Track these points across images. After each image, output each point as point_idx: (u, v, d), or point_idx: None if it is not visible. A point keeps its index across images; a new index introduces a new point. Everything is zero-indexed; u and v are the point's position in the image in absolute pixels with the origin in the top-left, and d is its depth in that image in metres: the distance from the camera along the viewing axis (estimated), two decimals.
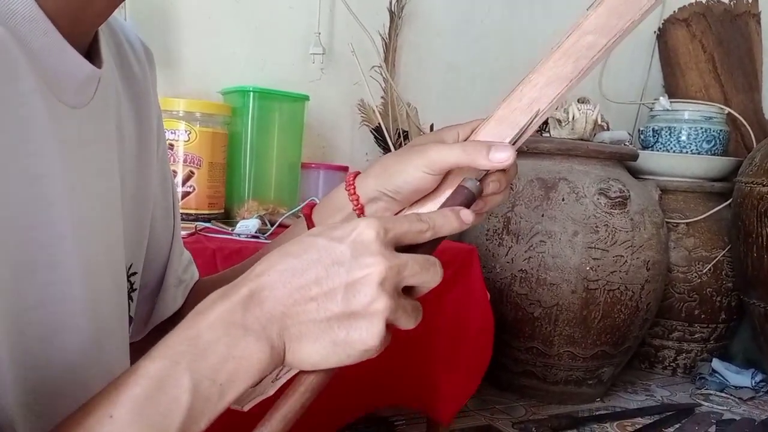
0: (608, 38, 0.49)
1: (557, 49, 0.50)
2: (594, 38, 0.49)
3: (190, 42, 1.79)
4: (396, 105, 2.02)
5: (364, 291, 0.40)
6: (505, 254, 1.86)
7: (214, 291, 0.42)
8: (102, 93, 0.47)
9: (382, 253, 0.40)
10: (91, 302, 0.45)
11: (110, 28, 0.53)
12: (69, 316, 0.43)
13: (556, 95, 0.50)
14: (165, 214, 0.63)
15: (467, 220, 0.46)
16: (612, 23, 0.48)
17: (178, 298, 0.65)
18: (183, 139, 1.51)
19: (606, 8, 0.49)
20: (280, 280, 0.40)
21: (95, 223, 0.46)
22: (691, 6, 2.54)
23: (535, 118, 0.50)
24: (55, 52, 0.40)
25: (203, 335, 0.38)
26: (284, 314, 0.40)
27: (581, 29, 0.49)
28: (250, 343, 0.39)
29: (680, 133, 2.27)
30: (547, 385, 1.93)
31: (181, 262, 0.66)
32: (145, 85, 0.57)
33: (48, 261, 0.41)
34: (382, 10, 2.05)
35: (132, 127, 0.54)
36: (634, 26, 0.48)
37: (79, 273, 0.44)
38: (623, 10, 0.48)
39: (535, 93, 0.51)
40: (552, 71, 0.50)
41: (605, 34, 0.49)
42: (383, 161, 0.55)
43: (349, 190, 0.56)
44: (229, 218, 1.59)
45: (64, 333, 0.42)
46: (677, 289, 2.18)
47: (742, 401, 2.04)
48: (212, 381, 0.38)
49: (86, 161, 0.45)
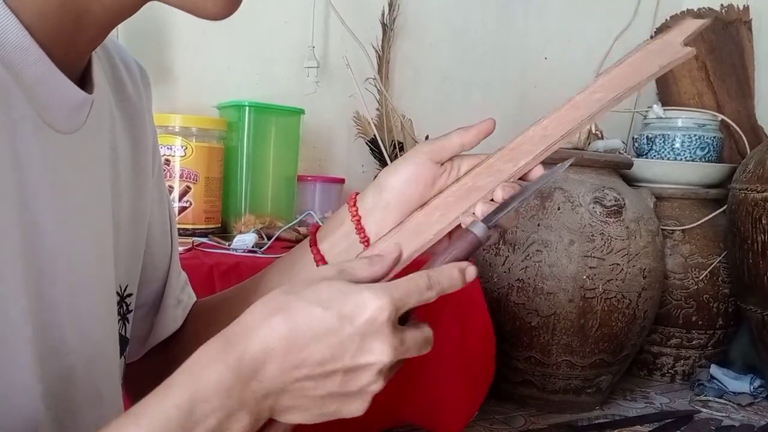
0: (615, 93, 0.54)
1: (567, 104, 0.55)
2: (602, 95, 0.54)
3: (185, 57, 1.80)
4: (391, 117, 2.03)
5: (365, 377, 0.41)
6: (501, 264, 1.86)
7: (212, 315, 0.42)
8: (95, 117, 0.47)
9: (390, 344, 0.41)
10: (81, 325, 0.45)
11: (105, 49, 0.54)
12: (59, 341, 0.43)
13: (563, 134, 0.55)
14: (162, 233, 0.63)
15: (471, 279, 0.47)
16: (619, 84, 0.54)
17: (178, 319, 0.65)
18: (179, 154, 1.51)
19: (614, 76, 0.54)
20: (283, 355, 0.40)
21: (86, 246, 0.46)
22: (683, 14, 2.56)
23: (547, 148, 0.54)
24: (46, 80, 0.41)
25: (198, 408, 0.38)
26: (282, 390, 0.40)
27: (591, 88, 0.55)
28: (242, 416, 0.40)
29: (674, 141, 2.28)
30: (545, 395, 1.93)
31: (179, 282, 0.66)
32: (140, 105, 0.57)
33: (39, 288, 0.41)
34: (375, 22, 2.07)
35: (127, 148, 0.54)
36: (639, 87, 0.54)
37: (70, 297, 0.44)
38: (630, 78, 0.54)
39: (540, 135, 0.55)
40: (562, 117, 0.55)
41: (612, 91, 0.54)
42: None
43: (350, 203, 0.56)
44: (226, 232, 1.60)
45: (54, 356, 0.42)
46: (674, 296, 2.19)
47: (740, 407, 2.04)
48: None
49: (78, 185, 0.45)
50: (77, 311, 0.45)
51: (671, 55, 0.53)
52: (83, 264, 0.46)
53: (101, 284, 0.49)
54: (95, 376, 0.47)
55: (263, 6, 1.87)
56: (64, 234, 0.43)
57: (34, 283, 0.40)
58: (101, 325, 0.49)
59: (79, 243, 0.45)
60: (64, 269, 0.43)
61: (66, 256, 0.43)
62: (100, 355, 0.48)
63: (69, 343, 0.44)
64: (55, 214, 0.42)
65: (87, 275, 0.46)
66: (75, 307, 0.44)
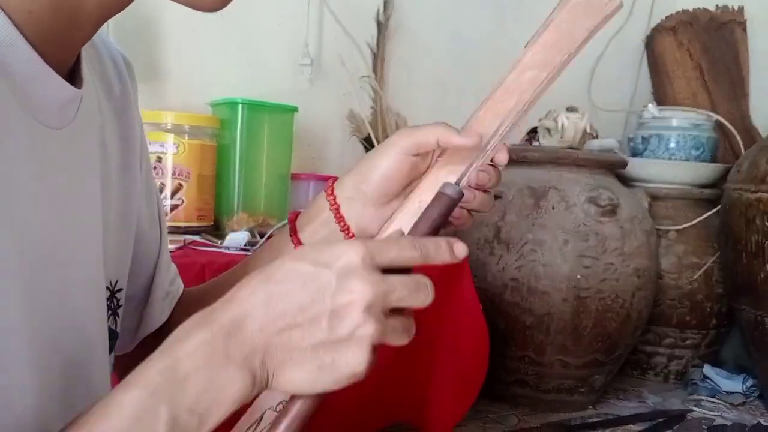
0: (547, 71, 0.51)
1: (500, 86, 0.53)
2: (534, 73, 0.51)
3: (178, 54, 1.79)
4: (385, 115, 2.03)
5: (350, 317, 0.39)
6: (496, 263, 1.86)
7: (196, 303, 0.42)
8: (84, 112, 0.47)
9: (369, 279, 0.40)
10: (71, 320, 0.45)
11: (92, 44, 0.54)
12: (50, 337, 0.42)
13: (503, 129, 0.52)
14: (151, 227, 0.63)
15: (460, 255, 0.45)
16: (551, 58, 0.51)
17: (165, 311, 0.65)
18: (171, 151, 1.50)
19: (543, 45, 0.51)
20: (263, 306, 0.39)
21: (76, 242, 0.46)
22: (678, 14, 2.56)
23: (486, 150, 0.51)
24: (35, 76, 0.41)
25: (182, 365, 0.38)
26: (267, 343, 0.39)
27: (522, 65, 0.52)
28: (231, 372, 0.38)
29: (669, 141, 2.28)
30: (539, 394, 1.92)
31: (168, 274, 0.66)
32: (127, 99, 0.57)
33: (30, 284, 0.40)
34: (370, 21, 2.06)
35: (116, 143, 0.55)
36: (571, 59, 0.51)
37: (60, 293, 0.44)
38: (560, 45, 0.51)
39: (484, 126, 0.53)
40: (498, 106, 0.53)
41: (544, 68, 0.51)
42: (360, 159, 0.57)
43: (327, 191, 0.57)
44: (219, 230, 1.59)
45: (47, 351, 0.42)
46: (668, 296, 2.19)
47: (733, 406, 2.04)
48: (190, 411, 0.37)
49: (67, 181, 0.45)
50: (68, 307, 0.44)
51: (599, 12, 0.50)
52: (73, 259, 0.46)
53: (91, 280, 0.49)
54: (88, 370, 0.47)
55: (257, 3, 1.86)
56: (55, 230, 0.43)
57: (25, 278, 0.39)
58: (91, 320, 0.49)
59: (70, 239, 0.45)
60: (54, 264, 0.43)
61: (56, 252, 0.43)
62: (91, 351, 0.48)
63: (61, 339, 0.43)
64: (45, 210, 0.42)
65: (77, 271, 0.46)
66: (65, 303, 0.44)
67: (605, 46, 2.50)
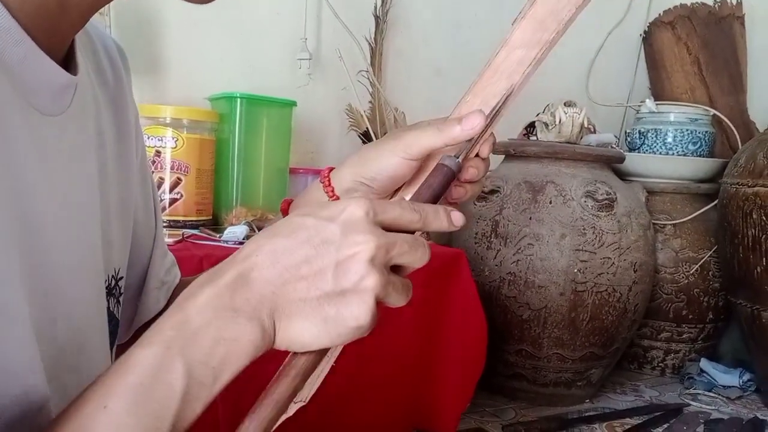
0: (536, 51, 0.50)
1: (488, 67, 0.51)
2: (523, 52, 0.50)
3: (177, 49, 1.79)
4: (384, 109, 2.03)
5: (355, 268, 0.40)
6: (493, 257, 1.86)
7: None
8: (79, 100, 0.47)
9: (372, 231, 0.40)
10: (70, 309, 0.45)
11: (86, 33, 0.54)
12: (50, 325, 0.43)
13: (492, 110, 0.51)
14: (146, 216, 0.63)
15: (457, 224, 0.45)
16: (538, 36, 0.50)
17: (161, 300, 0.65)
18: (170, 145, 1.51)
19: (530, 22, 0.50)
20: (269, 259, 0.40)
21: (74, 229, 0.46)
22: (676, 9, 2.56)
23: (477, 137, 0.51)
24: (30, 62, 0.41)
25: (193, 319, 0.38)
26: (274, 294, 0.39)
27: (510, 44, 0.51)
28: (241, 324, 0.38)
29: (666, 135, 2.28)
30: (536, 387, 1.93)
31: (163, 264, 0.66)
32: (120, 88, 0.58)
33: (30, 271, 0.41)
34: (368, 15, 2.06)
35: (112, 132, 0.55)
36: (559, 37, 0.50)
37: (59, 281, 0.44)
38: (547, 22, 0.49)
39: None
40: (486, 90, 0.51)
41: (532, 47, 0.50)
42: (359, 151, 0.56)
43: (324, 182, 0.57)
44: (218, 225, 1.59)
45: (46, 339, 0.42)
46: (665, 290, 2.20)
47: (729, 401, 2.05)
48: (205, 365, 0.38)
49: (64, 168, 0.45)
50: (66, 295, 0.45)
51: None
52: (72, 248, 0.46)
53: (90, 269, 0.49)
54: (87, 356, 0.47)
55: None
56: (54, 219, 0.44)
57: (25, 262, 0.40)
58: (90, 310, 0.49)
59: (68, 227, 0.45)
60: (54, 253, 0.43)
61: (56, 241, 0.43)
62: (89, 340, 0.48)
63: (59, 327, 0.44)
64: (44, 198, 0.42)
65: (76, 260, 0.46)
66: (64, 292, 0.44)
67: (603, 41, 2.51)
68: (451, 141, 0.50)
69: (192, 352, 0.38)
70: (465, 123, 0.50)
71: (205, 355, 0.38)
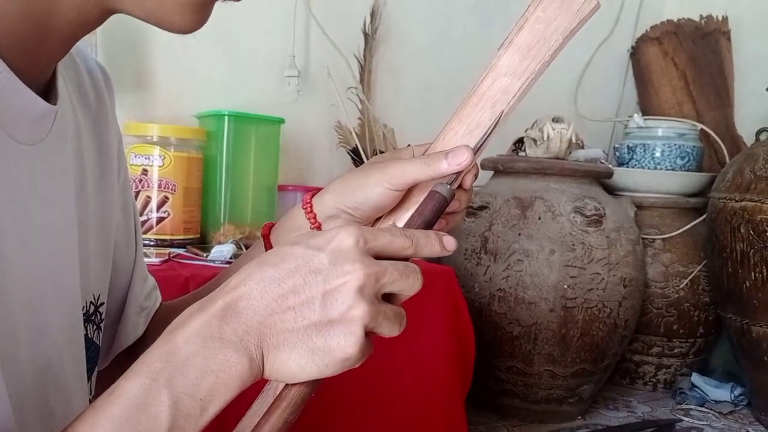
0: (522, 81, 0.49)
1: (473, 94, 0.51)
2: (508, 81, 0.49)
3: (164, 66, 1.78)
4: (373, 126, 2.03)
5: (342, 298, 0.39)
6: (483, 273, 1.86)
7: (177, 314, 0.42)
8: (59, 127, 0.47)
9: (361, 260, 0.40)
10: (35, 339, 0.44)
11: (69, 54, 0.54)
12: (10, 354, 0.42)
13: (476, 144, 0.51)
14: (126, 241, 0.62)
15: (450, 248, 0.45)
16: (525, 65, 0.49)
17: (140, 326, 0.64)
18: (157, 164, 1.50)
19: (518, 49, 0.49)
20: (257, 289, 0.40)
21: (46, 258, 0.46)
22: (663, 24, 2.58)
23: None
24: (8, 91, 0.41)
25: (180, 350, 0.38)
26: (262, 324, 0.39)
27: (495, 71, 0.50)
28: (229, 355, 0.38)
29: (654, 150, 2.29)
30: (528, 404, 1.92)
31: (143, 288, 0.66)
32: (102, 109, 0.57)
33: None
34: (357, 32, 2.07)
35: (92, 154, 0.55)
36: (545, 67, 0.49)
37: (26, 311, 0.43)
38: (534, 50, 0.49)
39: (457, 141, 0.51)
40: (471, 117, 0.51)
41: (519, 76, 0.49)
42: (342, 178, 0.56)
43: (306, 209, 0.56)
44: (206, 243, 1.58)
45: (5, 373, 0.41)
46: (655, 305, 2.20)
47: (722, 415, 2.05)
48: (192, 397, 0.37)
49: (40, 196, 0.45)
50: (32, 326, 0.44)
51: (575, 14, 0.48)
52: (43, 278, 0.45)
53: (64, 298, 0.48)
54: (46, 390, 0.46)
55: (243, 15, 1.86)
56: (23, 248, 0.43)
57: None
58: (63, 338, 0.48)
59: (40, 257, 0.45)
60: (20, 283, 0.43)
61: (24, 270, 0.43)
62: (61, 370, 0.48)
63: (21, 357, 0.43)
64: (14, 227, 0.42)
65: (47, 289, 0.46)
66: (30, 322, 0.44)
67: (591, 56, 2.52)
68: (437, 176, 0.50)
69: (179, 383, 0.37)
70: (452, 158, 0.49)
71: (192, 387, 0.37)
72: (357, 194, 0.53)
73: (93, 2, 0.43)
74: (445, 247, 0.45)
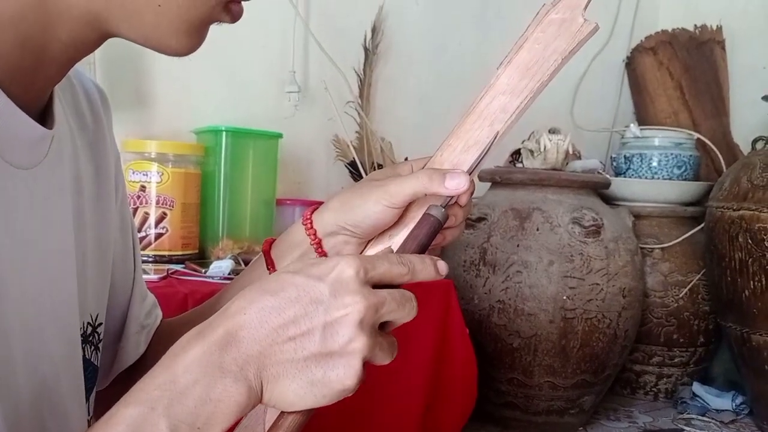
0: (520, 100, 0.50)
1: (472, 111, 0.51)
2: (507, 99, 0.50)
3: (163, 82, 1.79)
4: (371, 139, 2.04)
5: (343, 331, 0.40)
6: (482, 285, 1.86)
7: (178, 333, 0.42)
8: (56, 150, 0.47)
9: (361, 292, 0.41)
10: (32, 364, 0.44)
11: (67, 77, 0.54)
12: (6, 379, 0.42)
13: (473, 161, 0.51)
14: (124, 260, 0.62)
15: (443, 273, 0.46)
16: (523, 84, 0.50)
17: (141, 345, 0.64)
18: (155, 180, 1.50)
19: (516, 68, 0.50)
20: (258, 318, 0.40)
21: (45, 280, 0.46)
22: (658, 34, 2.60)
23: None
24: (4, 117, 0.41)
25: (179, 378, 0.38)
26: (261, 354, 0.39)
27: (494, 89, 0.51)
28: (228, 384, 0.38)
29: (651, 160, 2.30)
30: (529, 416, 1.92)
31: (143, 307, 0.66)
32: (100, 130, 0.57)
33: None
34: (355, 46, 2.07)
35: (90, 176, 0.55)
36: (543, 87, 0.49)
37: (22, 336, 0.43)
38: (533, 70, 0.49)
39: (455, 158, 0.52)
40: (469, 135, 0.51)
41: (517, 95, 0.50)
42: (341, 196, 0.56)
43: (306, 225, 0.56)
44: (204, 258, 1.58)
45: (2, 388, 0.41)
46: (655, 314, 2.19)
47: (723, 425, 2.04)
48: (190, 425, 0.38)
49: (37, 220, 0.45)
50: (29, 349, 0.44)
51: (573, 36, 0.48)
52: (41, 301, 0.45)
53: (62, 320, 0.48)
54: (43, 413, 0.46)
55: (242, 31, 1.87)
56: (21, 272, 0.43)
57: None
58: (60, 360, 0.48)
59: (37, 280, 0.45)
60: (17, 306, 0.43)
61: (21, 294, 0.43)
62: (50, 393, 0.48)
63: (18, 379, 0.43)
64: (11, 251, 0.42)
65: (44, 312, 0.46)
66: (27, 345, 0.44)
67: (587, 67, 2.53)
68: (435, 193, 0.51)
69: (177, 412, 0.37)
70: (449, 182, 0.50)
71: (190, 415, 0.38)
72: (357, 212, 0.54)
73: (89, 27, 0.44)
74: (439, 271, 0.46)
